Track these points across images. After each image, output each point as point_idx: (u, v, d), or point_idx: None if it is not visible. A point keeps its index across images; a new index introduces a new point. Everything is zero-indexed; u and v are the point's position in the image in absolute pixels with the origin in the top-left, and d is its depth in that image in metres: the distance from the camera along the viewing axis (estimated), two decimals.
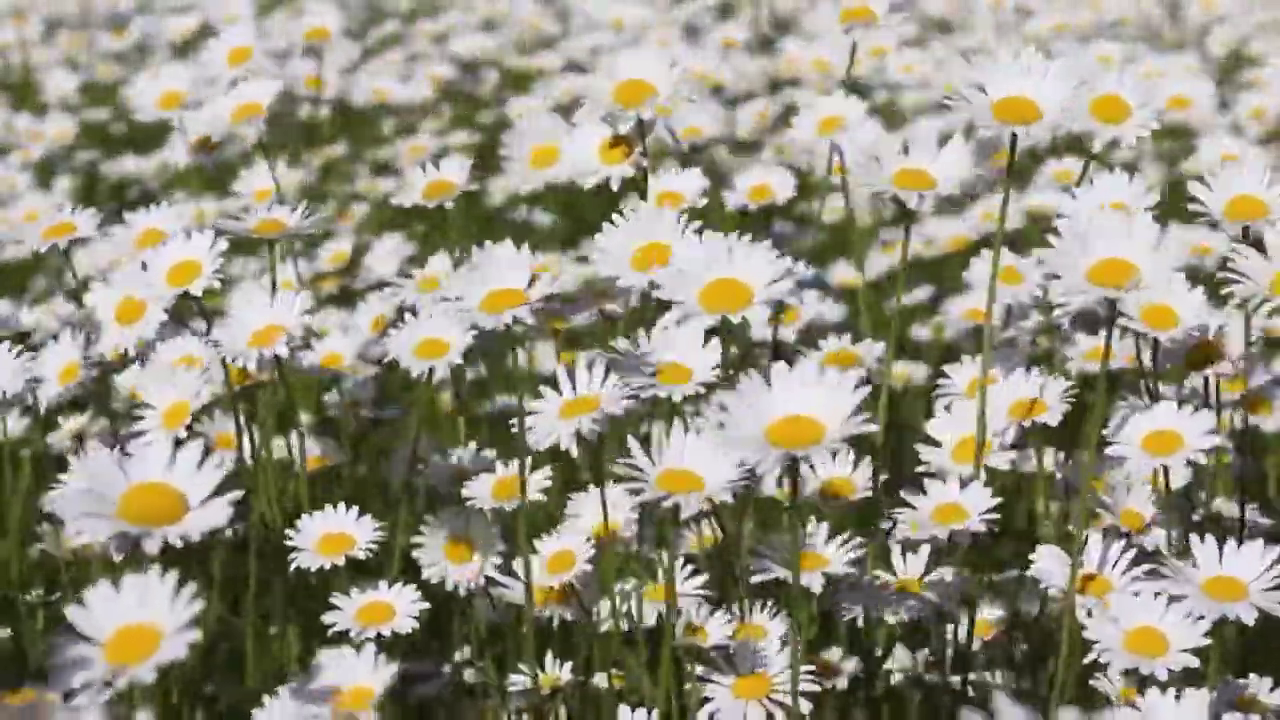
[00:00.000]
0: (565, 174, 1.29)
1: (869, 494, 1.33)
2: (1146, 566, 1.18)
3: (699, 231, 1.19)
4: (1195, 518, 1.35)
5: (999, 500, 1.23)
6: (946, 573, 1.27)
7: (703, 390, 1.15)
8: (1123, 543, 1.20)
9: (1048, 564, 1.20)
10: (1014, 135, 1.18)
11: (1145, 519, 1.26)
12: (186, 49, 3.08)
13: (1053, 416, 1.29)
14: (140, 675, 0.84)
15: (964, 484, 1.24)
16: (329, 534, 1.28)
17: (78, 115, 2.96)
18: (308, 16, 2.11)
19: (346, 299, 2.23)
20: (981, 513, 1.22)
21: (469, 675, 1.45)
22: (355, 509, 1.29)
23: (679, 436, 1.10)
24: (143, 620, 0.87)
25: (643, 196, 1.29)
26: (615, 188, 1.27)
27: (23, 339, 1.47)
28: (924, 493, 1.25)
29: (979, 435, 1.25)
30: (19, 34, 3.46)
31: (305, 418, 1.91)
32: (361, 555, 1.27)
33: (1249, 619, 1.03)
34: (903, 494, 1.25)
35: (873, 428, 0.93)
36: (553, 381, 1.18)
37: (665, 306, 1.18)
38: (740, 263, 1.13)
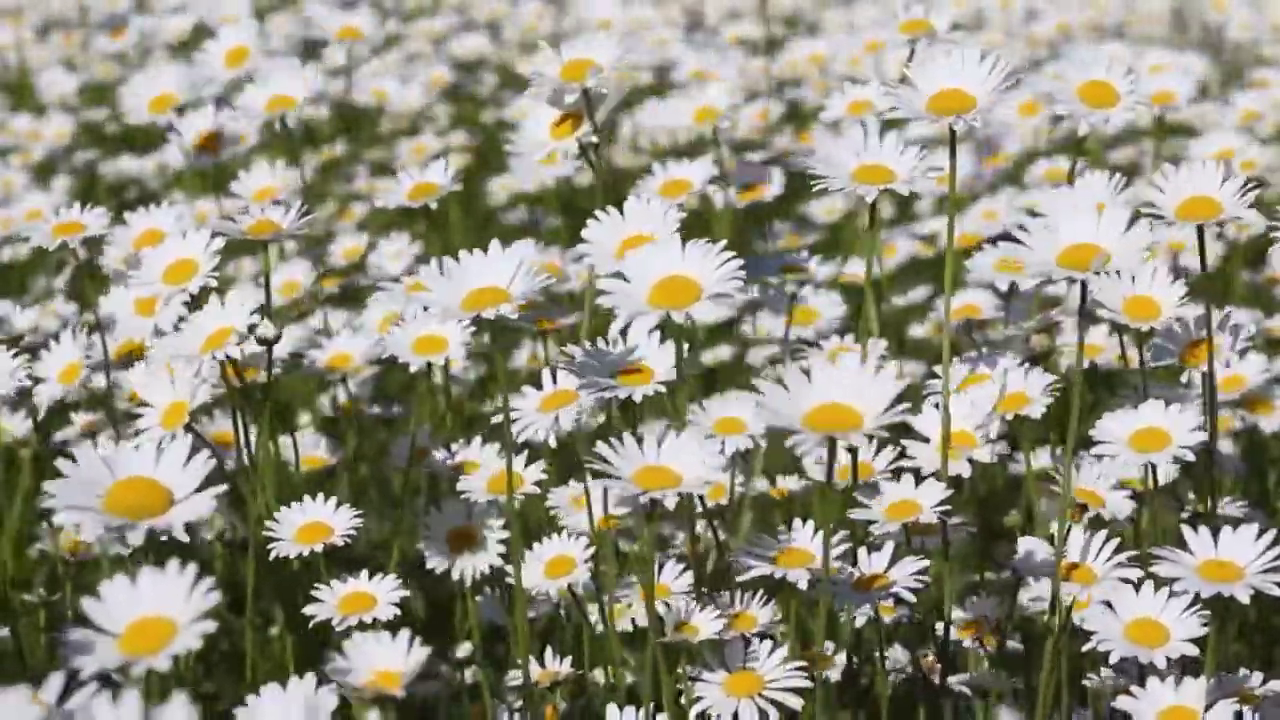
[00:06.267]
0: (523, 149, 1.36)
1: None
2: (1130, 554, 1.20)
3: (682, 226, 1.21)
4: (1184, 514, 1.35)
5: (951, 492, 1.24)
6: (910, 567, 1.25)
7: (663, 389, 1.16)
8: (1104, 533, 1.21)
9: (1030, 557, 1.20)
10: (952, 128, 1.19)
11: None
12: (184, 50, 3.08)
13: (1035, 410, 1.29)
14: (155, 665, 0.85)
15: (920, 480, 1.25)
16: (307, 524, 1.29)
17: (76, 115, 2.96)
18: (338, 16, 2.11)
19: (346, 299, 2.23)
20: (933, 506, 1.22)
21: (469, 674, 1.45)
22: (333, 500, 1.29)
23: (654, 434, 1.11)
24: (158, 613, 0.87)
25: (595, 170, 1.34)
26: (560, 158, 1.33)
27: (17, 341, 1.47)
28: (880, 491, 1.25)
29: (944, 428, 1.25)
30: (16, 34, 3.46)
31: (305, 417, 1.91)
32: (339, 543, 1.27)
33: (1244, 598, 1.04)
34: (855, 494, 1.26)
35: (909, 418, 0.95)
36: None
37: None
38: (691, 260, 1.14)
